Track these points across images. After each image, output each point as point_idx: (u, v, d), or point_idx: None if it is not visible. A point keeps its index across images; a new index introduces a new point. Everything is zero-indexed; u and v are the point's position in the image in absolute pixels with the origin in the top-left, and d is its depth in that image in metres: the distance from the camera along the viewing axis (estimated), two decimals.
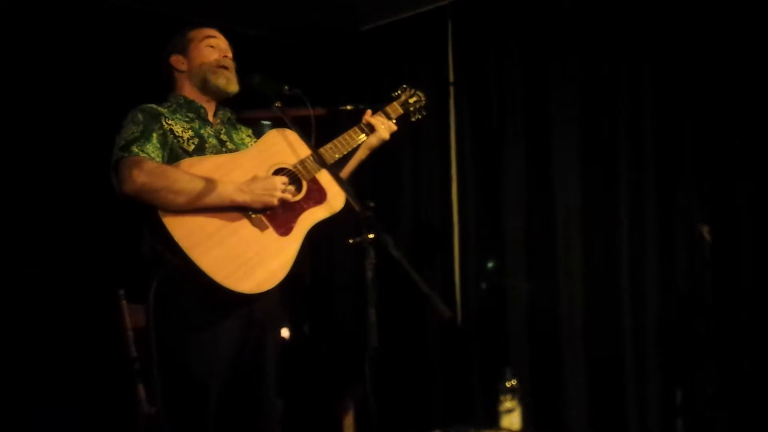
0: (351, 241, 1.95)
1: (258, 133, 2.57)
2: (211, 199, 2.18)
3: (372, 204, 1.92)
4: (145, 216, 2.19)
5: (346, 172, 2.60)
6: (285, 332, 3.90)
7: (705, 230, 3.09)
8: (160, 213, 2.14)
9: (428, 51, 4.25)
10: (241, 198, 2.21)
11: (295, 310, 4.08)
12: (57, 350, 3.44)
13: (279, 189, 2.25)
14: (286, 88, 2.32)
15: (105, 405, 3.39)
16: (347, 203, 2.37)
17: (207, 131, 2.39)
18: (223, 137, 2.43)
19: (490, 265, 4.03)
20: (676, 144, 3.42)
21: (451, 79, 4.19)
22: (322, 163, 2.32)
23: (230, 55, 2.47)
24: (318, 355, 4.13)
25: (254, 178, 2.26)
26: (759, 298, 3.17)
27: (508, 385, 3.21)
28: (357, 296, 4.35)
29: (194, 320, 2.19)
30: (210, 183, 2.19)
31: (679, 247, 3.39)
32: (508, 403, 3.18)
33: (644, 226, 3.49)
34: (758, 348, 3.14)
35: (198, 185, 2.17)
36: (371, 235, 1.89)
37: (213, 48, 2.42)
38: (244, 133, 2.54)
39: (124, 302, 2.71)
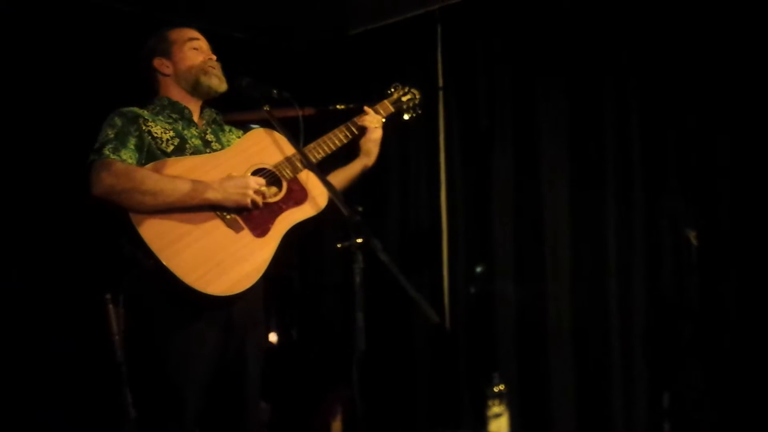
0: (339, 245, 1.96)
1: None
2: (182, 198, 2.15)
3: (360, 208, 1.93)
4: (119, 218, 2.15)
5: (342, 180, 2.54)
6: (273, 336, 3.89)
7: (692, 235, 3.11)
8: (131, 215, 2.12)
9: (417, 56, 4.25)
10: (213, 196, 2.17)
11: (283, 313, 4.08)
12: (43, 354, 3.42)
13: (252, 188, 2.21)
14: (275, 91, 2.31)
15: (92, 409, 3.37)
16: (335, 208, 2.33)
17: (191, 132, 2.36)
18: (209, 137, 2.40)
19: (478, 269, 4.04)
20: (662, 150, 3.44)
21: (441, 83, 4.20)
22: (308, 163, 2.27)
23: (214, 56, 2.45)
24: (306, 359, 4.12)
25: (228, 177, 2.23)
26: (744, 302, 3.19)
27: (495, 389, 3.22)
28: (345, 300, 4.35)
29: (168, 324, 2.15)
30: (181, 182, 2.16)
31: (665, 252, 3.41)
32: (495, 408, 3.19)
33: (632, 231, 3.50)
34: (743, 351, 3.16)
35: (167, 185, 2.15)
36: (359, 240, 1.89)
37: (197, 50, 2.41)
38: (233, 134, 2.51)
39: (110, 306, 2.70)
